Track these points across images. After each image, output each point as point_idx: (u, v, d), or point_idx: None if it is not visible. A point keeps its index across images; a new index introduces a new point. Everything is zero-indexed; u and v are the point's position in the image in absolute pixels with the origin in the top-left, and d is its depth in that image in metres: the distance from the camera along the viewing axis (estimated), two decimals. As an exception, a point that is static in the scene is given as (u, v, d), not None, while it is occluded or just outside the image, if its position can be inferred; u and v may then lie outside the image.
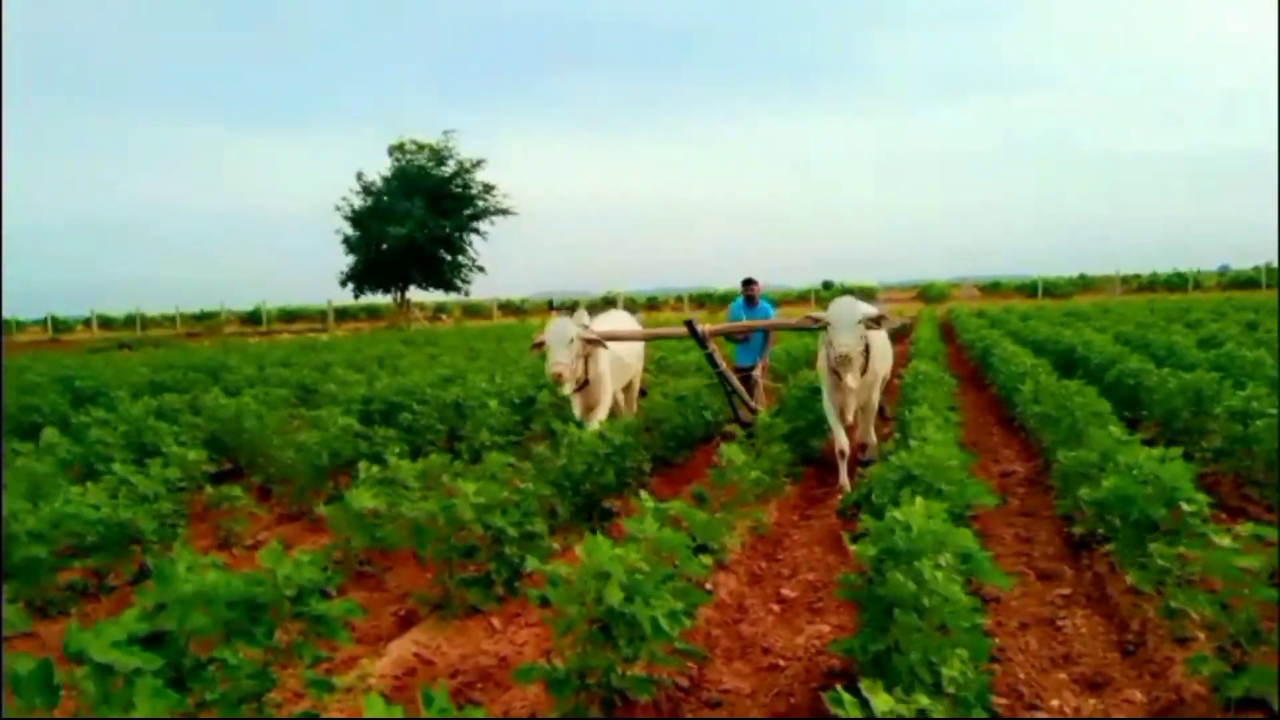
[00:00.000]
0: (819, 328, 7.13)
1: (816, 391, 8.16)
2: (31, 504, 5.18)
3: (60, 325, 56.08)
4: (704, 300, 61.02)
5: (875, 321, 6.90)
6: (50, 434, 7.59)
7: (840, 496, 6.66)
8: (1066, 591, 4.89)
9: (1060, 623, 4.44)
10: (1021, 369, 10.47)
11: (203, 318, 55.77)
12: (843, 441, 7.17)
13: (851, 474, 7.27)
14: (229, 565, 3.42)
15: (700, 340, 7.89)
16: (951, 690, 2.86)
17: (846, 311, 6.75)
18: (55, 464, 6.50)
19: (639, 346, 9.03)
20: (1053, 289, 53.31)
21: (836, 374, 6.88)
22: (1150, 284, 52.93)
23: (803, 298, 62.25)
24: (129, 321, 56.13)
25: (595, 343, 7.52)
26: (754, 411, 8.49)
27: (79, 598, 5.00)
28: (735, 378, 8.53)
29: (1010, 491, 7.16)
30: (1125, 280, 54.29)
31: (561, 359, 7.12)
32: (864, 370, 6.98)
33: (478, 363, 15.28)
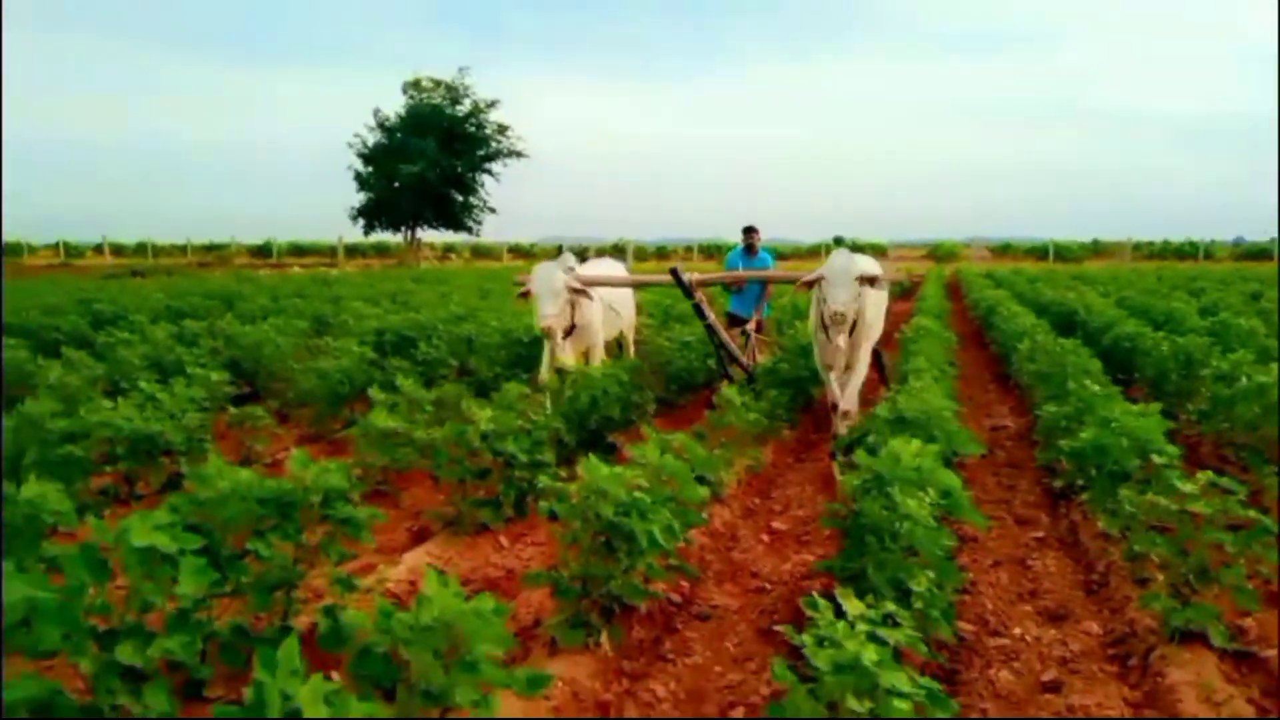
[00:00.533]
0: (813, 281, 6.67)
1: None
2: (65, 414, 5.48)
3: (72, 250, 56.36)
4: (713, 251, 60.95)
5: (871, 280, 6.44)
6: (75, 353, 7.88)
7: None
8: (1040, 535, 5.18)
9: (1031, 562, 4.74)
10: (1021, 328, 10.68)
11: (212, 249, 55.95)
12: (836, 395, 6.89)
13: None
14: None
15: (686, 289, 7.55)
16: (919, 605, 3.15)
17: (843, 267, 6.32)
18: (84, 379, 6.78)
19: (628, 296, 8.68)
20: (1064, 253, 53.14)
21: (826, 331, 6.53)
22: (1162, 252, 52.72)
23: (813, 252, 62.15)
24: (139, 249, 56.33)
25: (581, 291, 7.16)
26: (745, 369, 8.29)
27: (111, 502, 5.31)
28: (724, 331, 8.16)
29: (999, 444, 7.43)
30: (1137, 247, 54.07)
31: (549, 310, 6.73)
32: (853, 329, 6.50)
33: (488, 301, 15.52)
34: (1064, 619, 4.04)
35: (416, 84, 46.62)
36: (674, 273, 7.46)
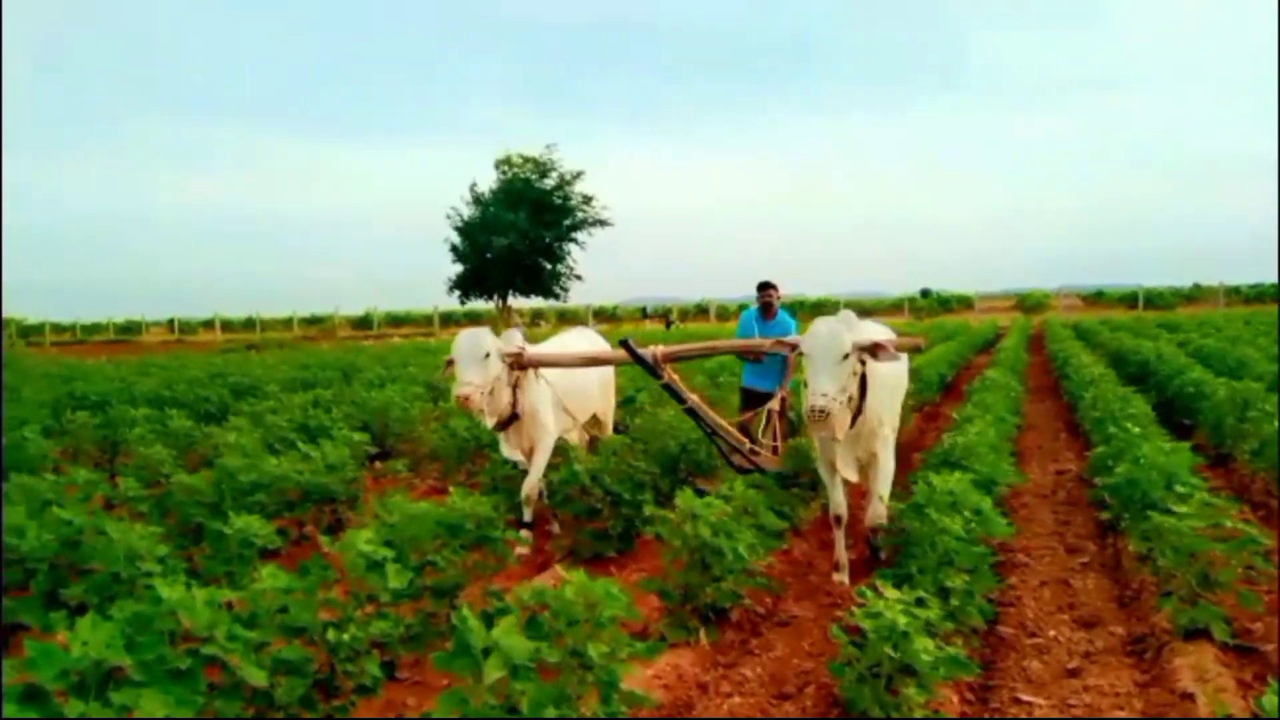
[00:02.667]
0: (793, 354, 5.48)
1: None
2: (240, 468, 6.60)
3: (185, 327, 60.19)
4: (796, 308, 61.66)
5: (872, 350, 4.96)
6: (239, 420, 9.14)
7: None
8: (1086, 560, 5.83)
9: (1073, 582, 5.40)
10: (1089, 378, 11.21)
11: (315, 321, 59.05)
12: (838, 504, 5.43)
13: (861, 546, 5.86)
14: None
15: (649, 367, 6.06)
16: (955, 602, 3.92)
17: (826, 342, 4.83)
18: (256, 440, 7.96)
19: (604, 375, 7.26)
20: (1155, 300, 52.26)
21: None
22: (1257, 296, 51.40)
23: (897, 306, 62.26)
24: (248, 324, 59.85)
25: (519, 365, 6.10)
26: (756, 453, 6.69)
27: (288, 543, 6.38)
28: (711, 413, 6.52)
29: (1060, 485, 8.04)
30: (1233, 291, 52.83)
31: (471, 378, 5.68)
32: (858, 410, 5.09)
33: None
34: (1094, 624, 4.72)
35: (507, 160, 48.98)
36: (625, 345, 6.00)
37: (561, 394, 6.46)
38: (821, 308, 61.65)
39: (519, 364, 6.08)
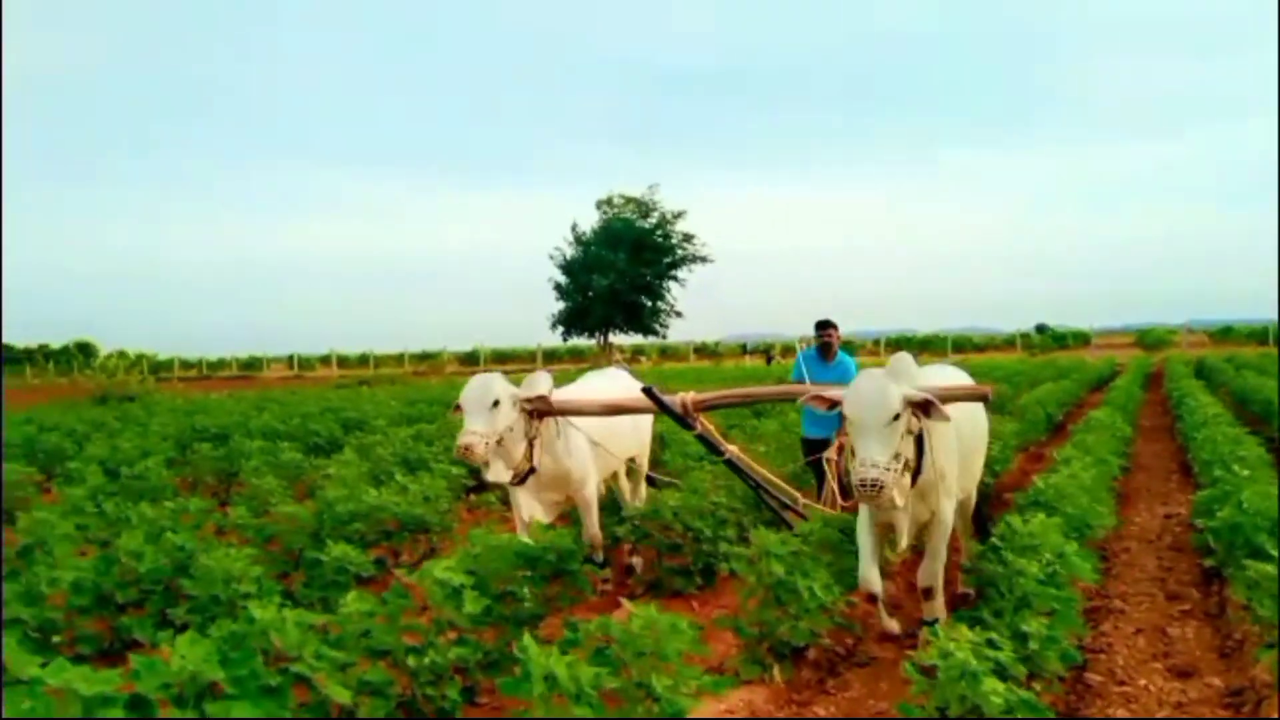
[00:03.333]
0: (830, 412, 4.62)
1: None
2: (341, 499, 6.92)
3: (303, 363, 62.87)
4: (900, 344, 60.46)
5: (924, 407, 4.24)
6: (348, 455, 9.57)
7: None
8: (1187, 608, 5.59)
9: (1171, 630, 5.19)
10: (1203, 419, 10.73)
11: (425, 357, 60.89)
12: (869, 581, 4.66)
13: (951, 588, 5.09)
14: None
15: (676, 417, 5.63)
16: (1034, 646, 3.84)
17: (872, 401, 4.11)
18: (361, 472, 8.31)
19: (640, 421, 6.69)
20: (1289, 336, 49.29)
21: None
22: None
23: (1009, 343, 60.44)
24: (363, 360, 62.10)
25: (539, 412, 5.54)
26: (807, 507, 6.01)
27: (383, 572, 6.64)
28: (756, 467, 6.11)
29: (1167, 529, 7.71)
30: (1377, 328, 49.46)
31: (476, 426, 5.20)
32: (916, 472, 4.36)
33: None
34: (1190, 675, 4.53)
35: (609, 201, 49.98)
36: (649, 393, 5.55)
37: (599, 441, 5.95)
38: (929, 344, 60.40)
39: (539, 412, 5.53)
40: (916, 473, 4.35)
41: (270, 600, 3.72)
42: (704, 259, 49.97)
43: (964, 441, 4.87)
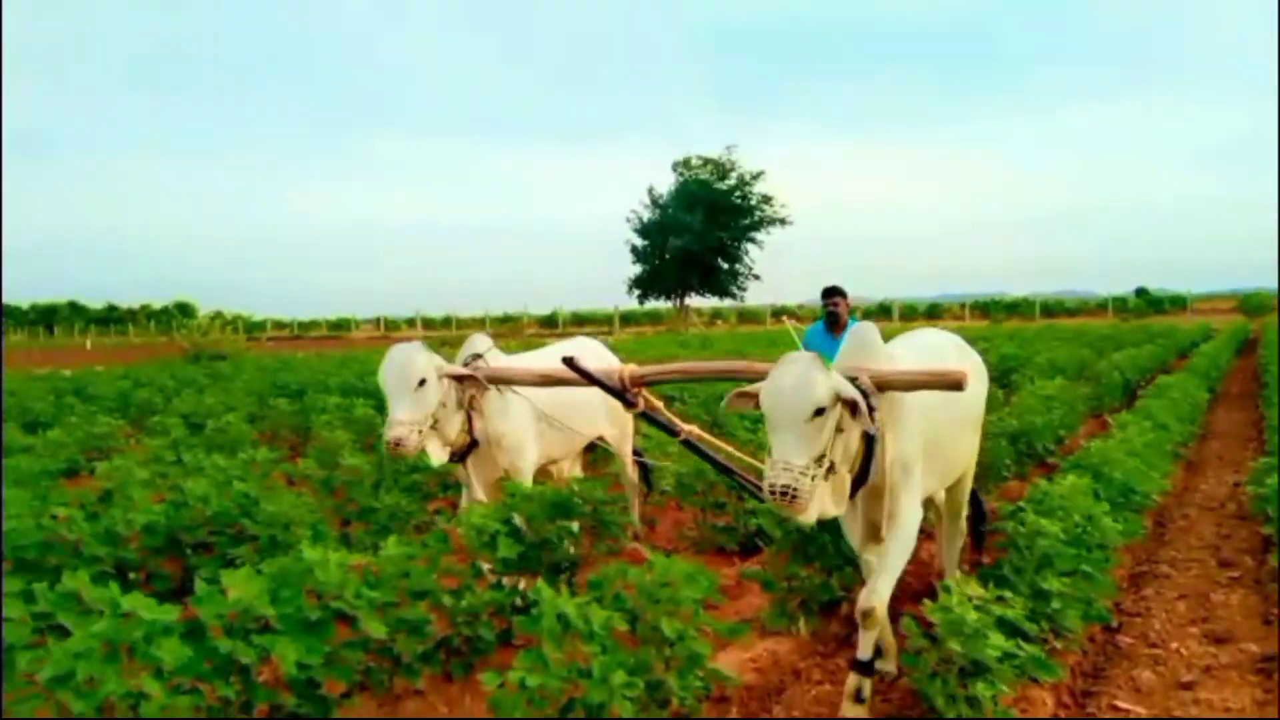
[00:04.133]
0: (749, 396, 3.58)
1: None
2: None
3: (390, 324, 64.59)
4: (988, 309, 59.09)
5: (850, 405, 3.30)
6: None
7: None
8: (1237, 575, 5.51)
9: (1215, 596, 5.14)
10: (1286, 385, 10.37)
11: (506, 320, 61.96)
12: (866, 595, 3.71)
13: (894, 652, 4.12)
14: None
15: (610, 390, 4.53)
16: (1056, 604, 3.88)
17: (791, 392, 3.27)
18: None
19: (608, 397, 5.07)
20: (1407, 301, 46.61)
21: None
22: None
23: (1102, 307, 58.58)
24: (445, 322, 63.47)
25: (471, 382, 4.81)
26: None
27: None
28: (722, 443, 5.12)
29: (1234, 497, 7.54)
30: None
31: (402, 415, 4.48)
32: (864, 473, 3.52)
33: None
34: (1226, 640, 4.50)
35: (686, 162, 49.73)
36: (570, 363, 4.51)
37: (549, 414, 5.13)
38: (1016, 308, 58.85)
39: (475, 381, 4.79)
40: (864, 475, 3.52)
41: (325, 544, 3.98)
42: (783, 221, 49.49)
43: (937, 426, 3.92)
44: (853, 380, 3.41)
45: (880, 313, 60.11)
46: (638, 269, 49.17)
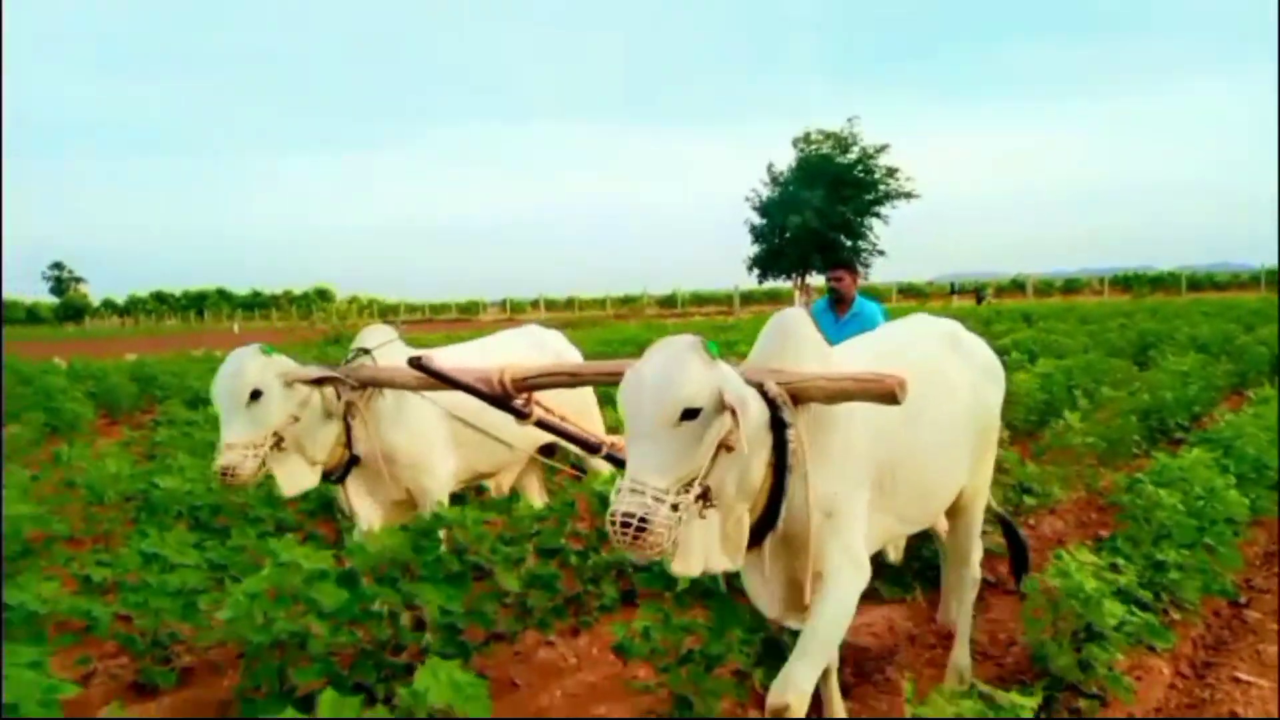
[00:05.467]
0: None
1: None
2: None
3: (515, 307, 66.27)
4: (1130, 283, 56.36)
5: (689, 412, 2.39)
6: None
7: None
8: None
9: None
10: None
11: (627, 301, 62.70)
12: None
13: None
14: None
15: (493, 401, 3.63)
16: (1174, 576, 3.88)
17: (646, 387, 2.43)
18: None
19: (582, 396, 4.66)
20: None
21: None
22: None
23: (1254, 280, 55.04)
24: (568, 304, 64.71)
25: (336, 384, 3.99)
26: None
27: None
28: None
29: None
30: None
31: (234, 437, 3.75)
32: (773, 502, 2.68)
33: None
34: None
35: (806, 137, 48.99)
36: (416, 364, 3.67)
37: (468, 419, 4.25)
38: (1159, 282, 55.90)
39: (359, 381, 3.98)
40: (770, 517, 2.66)
41: (465, 506, 4.30)
42: (909, 195, 48.21)
43: (901, 450, 2.99)
44: (758, 386, 2.56)
45: (1014, 288, 58.10)
46: (756, 248, 48.89)
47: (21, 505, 5.01)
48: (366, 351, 4.11)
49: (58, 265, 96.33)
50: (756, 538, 2.68)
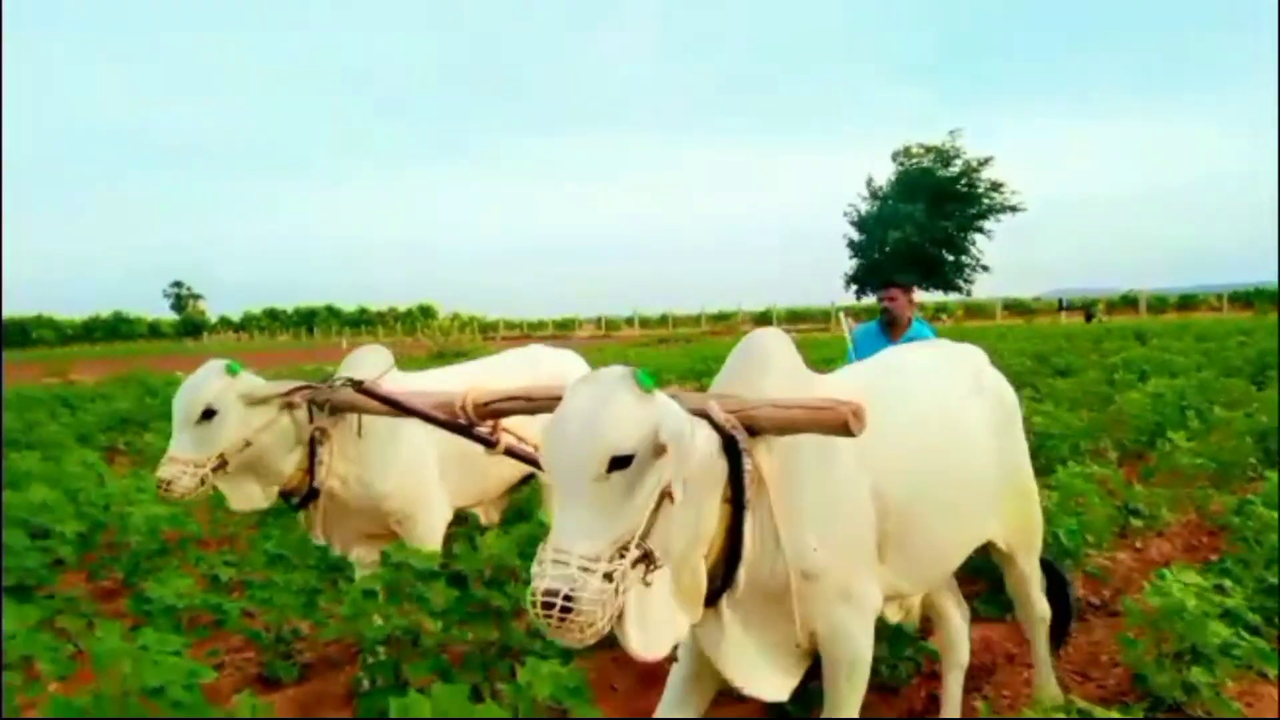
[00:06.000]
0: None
1: None
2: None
3: (610, 324, 67.02)
4: (1250, 299, 53.65)
5: (620, 462, 1.96)
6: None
7: None
8: None
9: None
10: None
11: (720, 317, 62.68)
12: None
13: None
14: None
15: (458, 430, 3.28)
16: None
17: (569, 434, 2.00)
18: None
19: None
20: None
21: None
22: None
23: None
24: (662, 320, 65.06)
25: (340, 407, 3.73)
26: None
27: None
28: None
29: None
30: None
31: (178, 451, 3.59)
32: (731, 559, 2.26)
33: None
34: None
35: (906, 151, 48.39)
36: (358, 387, 3.48)
37: (460, 449, 3.89)
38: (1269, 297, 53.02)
39: (335, 406, 3.71)
40: (728, 573, 2.26)
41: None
42: (1014, 208, 47.09)
43: (895, 488, 2.58)
44: (703, 415, 2.19)
45: (1125, 304, 55.99)
46: (855, 263, 48.42)
47: (156, 507, 5.42)
48: (358, 383, 3.52)
49: (177, 283, 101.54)
50: (714, 594, 2.26)
